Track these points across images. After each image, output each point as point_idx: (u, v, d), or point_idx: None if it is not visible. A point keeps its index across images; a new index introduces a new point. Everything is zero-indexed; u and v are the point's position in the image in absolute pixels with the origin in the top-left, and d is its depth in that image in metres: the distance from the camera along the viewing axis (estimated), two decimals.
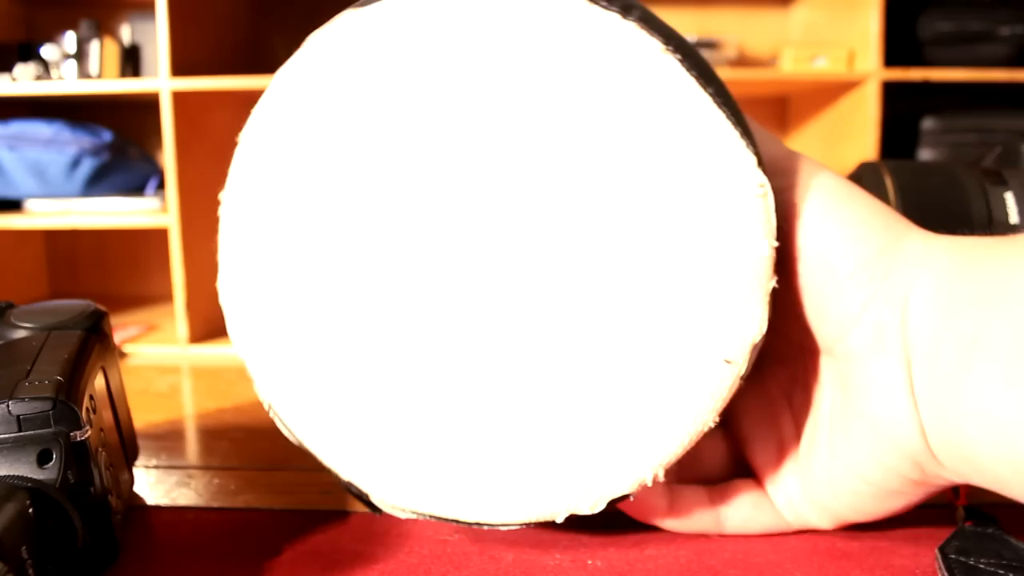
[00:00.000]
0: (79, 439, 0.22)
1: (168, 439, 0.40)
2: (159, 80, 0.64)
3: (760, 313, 0.23)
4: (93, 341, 0.27)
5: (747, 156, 0.22)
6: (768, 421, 0.28)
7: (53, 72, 0.73)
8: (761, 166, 0.23)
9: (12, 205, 0.73)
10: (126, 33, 0.80)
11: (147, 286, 0.91)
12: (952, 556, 0.24)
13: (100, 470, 0.23)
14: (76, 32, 0.74)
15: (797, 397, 0.27)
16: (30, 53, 0.74)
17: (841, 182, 0.25)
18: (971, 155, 0.69)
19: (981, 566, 0.23)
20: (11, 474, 0.22)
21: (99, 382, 0.27)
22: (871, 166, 0.38)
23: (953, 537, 0.25)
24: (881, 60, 0.67)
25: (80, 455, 0.22)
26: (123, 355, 0.63)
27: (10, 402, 0.22)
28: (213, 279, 0.27)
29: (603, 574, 0.25)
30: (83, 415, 0.23)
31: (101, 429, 0.25)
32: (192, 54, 0.68)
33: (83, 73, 0.74)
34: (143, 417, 0.42)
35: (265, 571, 0.25)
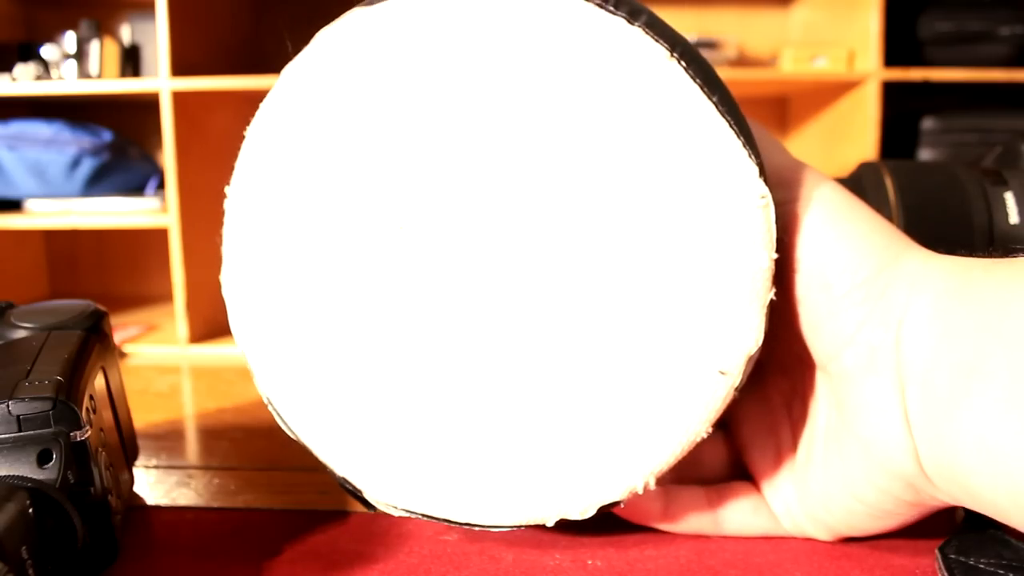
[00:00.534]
0: (79, 439, 0.22)
1: (168, 439, 0.40)
2: (159, 80, 0.64)
3: (756, 325, 0.23)
4: (93, 341, 0.27)
5: (749, 166, 0.22)
6: (767, 429, 0.27)
7: (53, 72, 0.73)
8: (763, 176, 0.22)
9: (12, 205, 0.73)
10: (126, 33, 0.80)
11: (147, 286, 0.91)
12: (952, 556, 0.24)
13: (100, 470, 0.23)
14: (76, 32, 0.74)
15: (796, 408, 0.27)
16: (30, 53, 0.74)
17: (844, 196, 0.25)
18: (971, 155, 0.69)
19: (981, 566, 0.23)
20: (11, 474, 0.22)
21: (99, 382, 0.27)
22: (871, 166, 0.38)
23: (953, 537, 0.25)
24: (881, 60, 0.67)
25: (80, 455, 0.22)
26: (123, 355, 0.63)
27: (10, 402, 0.22)
28: (213, 279, 0.27)
29: (603, 574, 0.25)
30: (83, 415, 0.23)
31: (101, 429, 0.25)
32: (192, 54, 0.68)
33: (83, 73, 0.74)
34: (143, 417, 0.42)
35: (265, 571, 0.25)
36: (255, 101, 0.26)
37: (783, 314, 0.24)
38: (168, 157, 0.64)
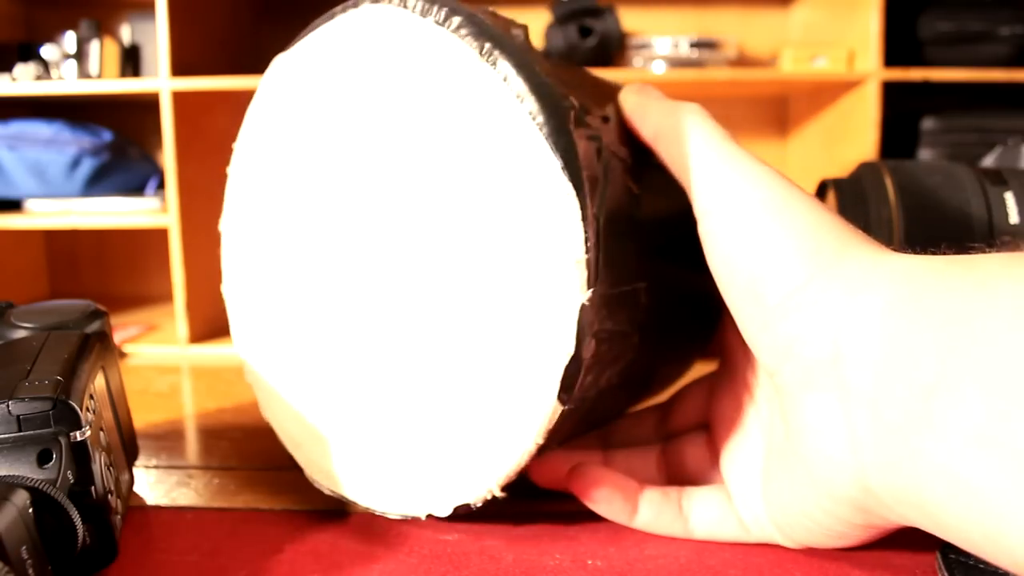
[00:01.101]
0: (79, 439, 0.22)
1: (168, 439, 0.40)
2: (159, 80, 0.64)
3: (566, 330, 0.22)
4: (93, 341, 0.27)
5: (550, 160, 0.22)
6: (739, 435, 0.27)
7: (53, 72, 0.73)
8: (570, 172, 0.22)
9: (12, 205, 0.73)
10: (126, 33, 0.80)
11: (147, 286, 0.91)
12: (952, 556, 0.24)
13: (100, 470, 0.23)
14: (76, 32, 0.74)
15: (763, 419, 0.26)
16: (30, 53, 0.74)
17: (779, 192, 0.22)
18: (971, 155, 0.69)
19: (981, 566, 0.23)
20: (11, 474, 0.22)
21: (99, 382, 0.27)
22: (871, 166, 0.38)
23: None
24: (881, 60, 0.67)
25: (80, 455, 0.22)
26: (123, 355, 0.63)
27: (10, 402, 0.22)
28: (213, 279, 0.28)
29: (603, 574, 0.25)
30: (83, 415, 0.23)
31: (101, 429, 0.25)
32: (192, 54, 0.68)
33: (83, 73, 0.74)
34: (143, 417, 0.42)
35: (265, 571, 0.25)
36: None
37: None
38: (168, 157, 0.64)
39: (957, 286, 0.18)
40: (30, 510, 0.20)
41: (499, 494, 0.25)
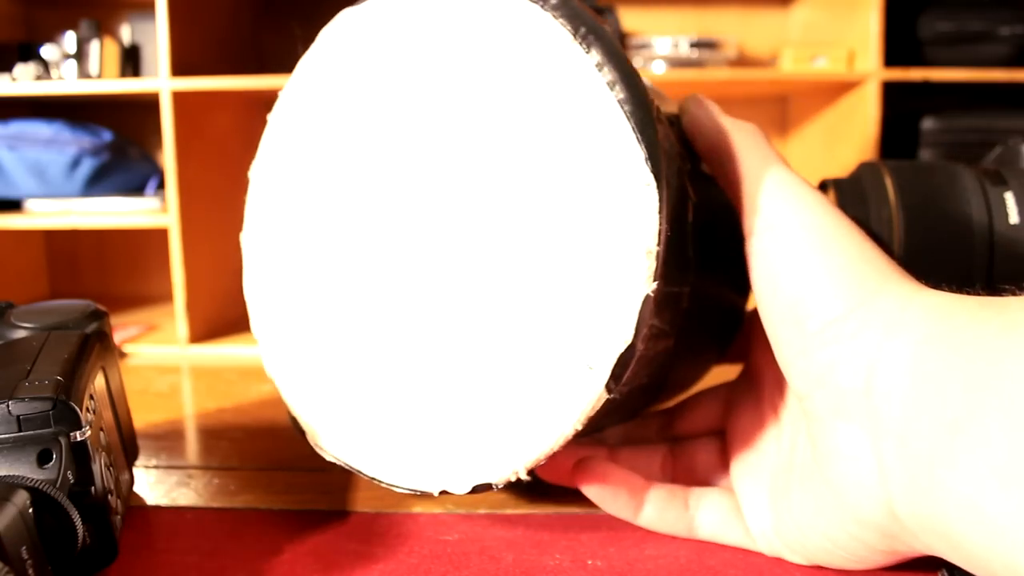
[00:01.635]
0: (79, 439, 0.22)
1: (168, 439, 0.40)
2: (159, 80, 0.64)
3: (628, 321, 0.22)
4: (93, 341, 0.27)
5: (635, 151, 0.22)
6: (754, 448, 0.27)
7: (53, 72, 0.73)
8: (652, 163, 0.22)
9: (12, 205, 0.73)
10: (126, 33, 0.80)
11: (147, 286, 0.91)
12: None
13: (100, 470, 0.23)
14: (76, 32, 0.74)
15: (785, 435, 0.26)
16: (30, 53, 0.74)
17: (828, 221, 0.23)
18: (971, 155, 0.69)
19: None
20: (11, 474, 0.22)
21: (99, 382, 0.27)
22: (871, 166, 0.38)
23: None
24: (881, 60, 0.67)
25: (80, 455, 0.22)
26: (123, 355, 0.63)
27: (10, 402, 0.22)
28: (213, 279, 0.28)
29: (603, 574, 0.25)
30: (83, 415, 0.23)
31: (101, 429, 0.25)
32: (192, 54, 0.68)
33: (83, 73, 0.74)
34: (143, 417, 0.42)
35: (265, 571, 0.25)
36: (255, 101, 0.27)
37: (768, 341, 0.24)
38: (168, 157, 0.64)
39: (987, 327, 0.19)
40: (30, 510, 0.20)
41: (524, 477, 0.24)
